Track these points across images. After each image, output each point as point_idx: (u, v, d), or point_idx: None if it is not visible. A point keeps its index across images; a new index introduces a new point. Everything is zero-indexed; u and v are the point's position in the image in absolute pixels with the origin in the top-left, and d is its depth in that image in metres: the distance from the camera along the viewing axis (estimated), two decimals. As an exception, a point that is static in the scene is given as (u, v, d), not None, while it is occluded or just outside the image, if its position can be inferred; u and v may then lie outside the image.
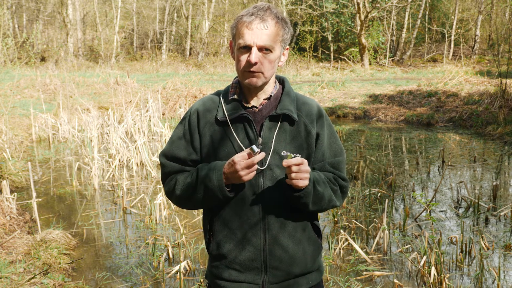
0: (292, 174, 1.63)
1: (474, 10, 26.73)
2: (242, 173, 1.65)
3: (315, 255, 1.85)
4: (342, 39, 27.56)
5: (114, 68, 23.56)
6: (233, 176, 1.67)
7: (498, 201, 5.93)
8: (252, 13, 1.69)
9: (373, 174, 7.36)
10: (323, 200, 1.76)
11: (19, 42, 24.32)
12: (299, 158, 1.63)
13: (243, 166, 1.63)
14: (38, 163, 8.19)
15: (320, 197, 1.74)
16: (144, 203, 5.98)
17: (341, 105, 14.08)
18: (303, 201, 1.71)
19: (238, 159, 1.64)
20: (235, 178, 1.67)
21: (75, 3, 29.05)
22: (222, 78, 20.22)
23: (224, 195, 1.71)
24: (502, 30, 23.46)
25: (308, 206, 1.73)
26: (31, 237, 4.58)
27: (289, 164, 1.61)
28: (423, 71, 21.30)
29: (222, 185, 1.69)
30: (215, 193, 1.71)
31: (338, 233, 4.87)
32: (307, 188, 1.68)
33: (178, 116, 12.71)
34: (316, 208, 1.77)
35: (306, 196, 1.70)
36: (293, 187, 1.68)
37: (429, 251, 3.99)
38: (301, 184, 1.65)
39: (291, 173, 1.63)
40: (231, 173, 1.67)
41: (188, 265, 4.16)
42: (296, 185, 1.65)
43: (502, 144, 9.49)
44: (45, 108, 11.69)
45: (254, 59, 1.68)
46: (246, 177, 1.66)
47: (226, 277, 1.80)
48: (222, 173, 1.69)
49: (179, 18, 30.59)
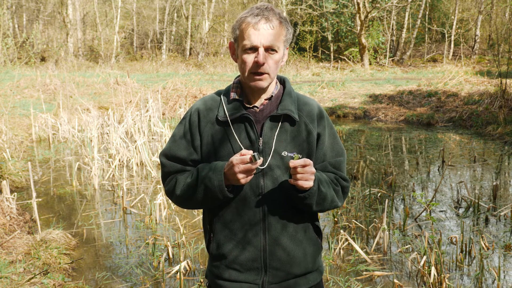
0: (297, 175, 1.64)
1: (474, 10, 26.74)
2: (240, 176, 1.65)
3: (315, 255, 1.85)
4: (342, 39, 27.56)
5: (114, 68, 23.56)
6: (232, 177, 1.67)
7: (498, 201, 5.93)
8: (257, 13, 1.69)
9: (373, 174, 7.36)
10: (326, 200, 1.76)
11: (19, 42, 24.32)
12: (306, 159, 1.64)
13: (242, 169, 1.64)
14: (38, 163, 8.18)
15: (323, 197, 1.74)
16: (144, 203, 5.98)
17: (341, 105, 14.08)
18: (307, 202, 1.71)
19: (236, 161, 1.64)
20: (233, 179, 1.67)
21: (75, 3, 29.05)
22: (222, 78, 20.22)
23: (224, 195, 1.71)
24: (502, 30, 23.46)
25: (312, 206, 1.73)
26: (31, 237, 4.58)
27: (295, 165, 1.62)
28: (423, 71, 21.30)
29: (222, 186, 1.69)
30: (215, 194, 1.71)
31: (338, 233, 4.87)
32: (312, 189, 1.69)
33: (178, 116, 12.71)
34: (319, 209, 1.77)
35: (310, 197, 1.70)
36: (297, 188, 1.68)
37: (429, 251, 3.99)
38: (306, 185, 1.66)
39: (297, 174, 1.63)
40: (230, 174, 1.67)
41: (188, 265, 4.16)
42: (301, 186, 1.65)
43: (502, 144, 9.49)
44: (45, 108, 11.69)
45: (262, 60, 1.68)
46: (243, 180, 1.66)
47: (226, 277, 1.80)
48: (222, 173, 1.69)
49: (179, 18, 30.60)
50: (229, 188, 1.72)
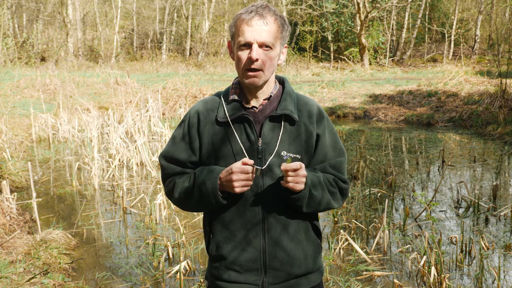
0: (288, 178, 1.65)
1: (474, 10, 26.73)
2: (236, 184, 1.66)
3: (315, 256, 1.85)
4: (342, 39, 27.55)
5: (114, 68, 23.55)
6: (228, 184, 1.68)
7: (498, 201, 5.93)
8: (251, 10, 1.69)
9: (373, 174, 7.36)
10: (318, 203, 1.77)
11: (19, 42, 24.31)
12: (297, 163, 1.65)
13: (240, 178, 1.65)
14: (38, 163, 8.18)
15: (314, 200, 1.75)
16: (144, 203, 5.98)
17: (341, 105, 14.08)
18: (297, 203, 1.73)
19: (236, 169, 1.65)
20: (229, 186, 1.68)
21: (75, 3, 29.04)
22: (222, 78, 20.22)
23: (218, 201, 1.71)
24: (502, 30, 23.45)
25: (302, 208, 1.75)
26: (31, 237, 4.57)
27: (287, 168, 1.63)
28: (423, 71, 21.29)
29: (216, 191, 1.70)
30: (209, 199, 1.72)
31: (338, 233, 4.87)
32: (303, 192, 1.70)
33: (178, 116, 12.71)
34: (310, 210, 1.78)
35: (301, 200, 1.72)
36: (289, 190, 1.70)
37: (429, 251, 3.99)
38: (297, 188, 1.67)
39: (288, 177, 1.65)
40: (226, 180, 1.68)
41: (188, 265, 4.16)
42: (292, 189, 1.67)
43: (502, 144, 9.48)
44: (45, 108, 11.69)
45: (256, 56, 1.67)
46: (238, 190, 1.67)
47: (226, 278, 1.80)
48: (217, 179, 1.70)
49: (179, 18, 30.59)
50: (224, 194, 1.73)
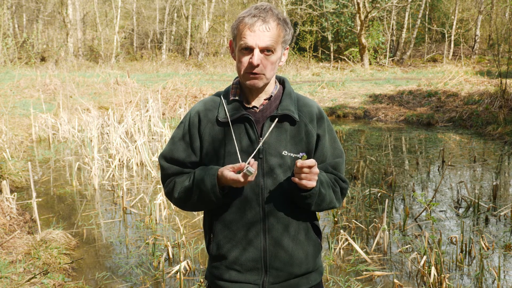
0: (302, 175, 1.65)
1: (474, 10, 26.72)
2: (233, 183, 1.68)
3: (315, 255, 1.86)
4: (342, 39, 27.55)
5: (114, 68, 23.55)
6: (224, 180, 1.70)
7: (498, 201, 5.93)
8: (254, 14, 1.68)
9: (373, 174, 7.36)
10: (325, 201, 1.78)
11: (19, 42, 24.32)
12: (312, 160, 1.65)
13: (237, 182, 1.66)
14: (38, 163, 8.18)
15: (322, 198, 1.76)
16: (144, 203, 5.98)
17: (341, 105, 14.08)
18: (307, 201, 1.73)
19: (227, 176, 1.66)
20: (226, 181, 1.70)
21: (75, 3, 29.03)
22: (222, 78, 20.22)
23: (218, 198, 1.72)
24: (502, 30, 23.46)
25: (311, 206, 1.75)
26: (31, 237, 4.57)
27: (303, 165, 1.63)
28: (423, 71, 21.29)
29: (215, 188, 1.70)
30: (209, 197, 1.72)
31: (338, 233, 4.87)
32: (314, 189, 1.70)
33: (178, 116, 12.71)
34: (316, 209, 1.78)
35: (311, 197, 1.72)
36: (300, 187, 1.69)
37: (429, 251, 3.99)
38: (310, 185, 1.67)
39: (302, 174, 1.65)
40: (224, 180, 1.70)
41: (188, 265, 4.16)
42: (305, 186, 1.67)
43: (502, 144, 9.48)
44: (45, 108, 11.69)
45: (257, 61, 1.68)
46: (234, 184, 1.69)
47: (227, 278, 1.80)
48: (215, 176, 1.70)
49: (179, 18, 30.58)
50: (225, 191, 1.73)
